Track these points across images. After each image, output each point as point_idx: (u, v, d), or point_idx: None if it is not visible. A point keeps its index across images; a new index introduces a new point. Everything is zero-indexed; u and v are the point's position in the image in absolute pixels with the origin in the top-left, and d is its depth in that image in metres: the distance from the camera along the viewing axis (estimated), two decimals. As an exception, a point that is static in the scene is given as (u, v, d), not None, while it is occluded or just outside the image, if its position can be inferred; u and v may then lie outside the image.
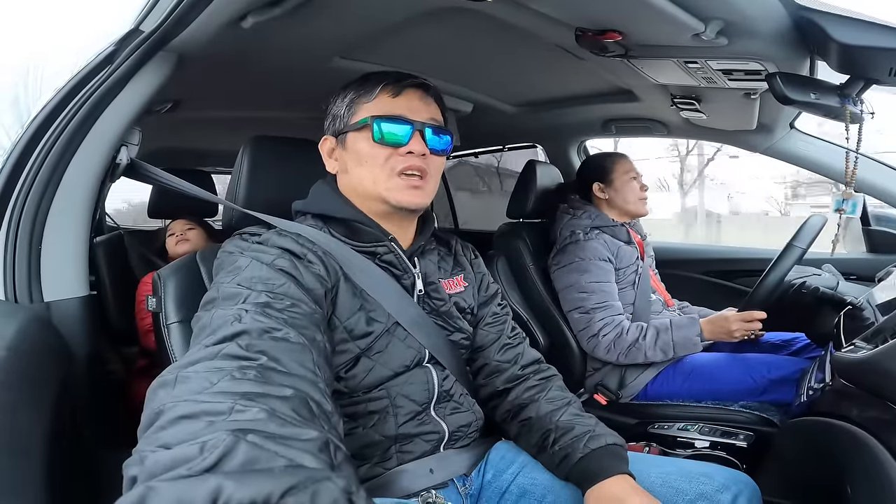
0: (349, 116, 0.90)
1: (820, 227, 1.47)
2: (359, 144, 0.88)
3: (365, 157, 0.87)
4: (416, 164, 0.87)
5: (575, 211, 1.78)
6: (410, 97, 0.89)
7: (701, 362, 1.60)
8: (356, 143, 0.88)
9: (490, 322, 1.05)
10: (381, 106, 0.87)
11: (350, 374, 0.84)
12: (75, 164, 0.97)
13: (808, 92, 1.06)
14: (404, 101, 0.88)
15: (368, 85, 0.89)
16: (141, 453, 0.43)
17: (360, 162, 0.88)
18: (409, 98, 0.89)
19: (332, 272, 0.83)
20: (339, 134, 0.91)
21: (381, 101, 0.88)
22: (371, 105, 0.88)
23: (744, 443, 1.42)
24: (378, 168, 0.87)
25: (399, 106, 0.88)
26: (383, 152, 0.86)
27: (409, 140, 0.86)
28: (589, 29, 1.11)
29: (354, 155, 0.89)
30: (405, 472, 0.85)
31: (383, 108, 0.87)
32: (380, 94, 0.88)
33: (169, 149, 2.52)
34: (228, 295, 0.70)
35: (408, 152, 0.86)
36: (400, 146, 0.86)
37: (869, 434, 0.83)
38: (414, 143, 0.86)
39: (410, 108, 0.88)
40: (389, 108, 0.87)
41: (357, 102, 0.89)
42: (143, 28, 0.96)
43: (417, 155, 0.86)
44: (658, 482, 0.85)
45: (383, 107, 0.87)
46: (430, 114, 0.90)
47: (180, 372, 0.54)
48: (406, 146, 0.86)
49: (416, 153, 0.86)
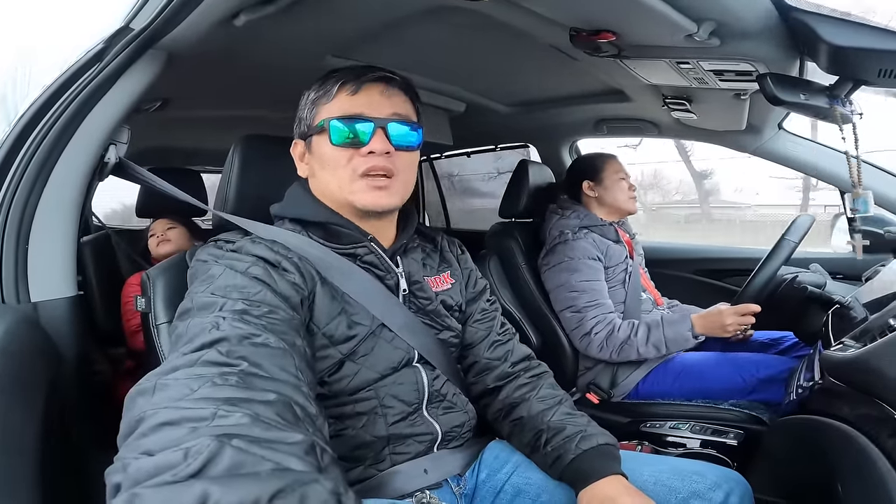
0: (311, 119, 0.87)
1: (809, 226, 1.50)
2: (322, 148, 0.85)
3: (327, 161, 0.85)
4: (378, 164, 0.83)
5: (564, 211, 1.79)
6: (370, 92, 0.85)
7: (691, 361, 1.61)
8: (320, 147, 0.86)
9: (479, 318, 1.03)
10: (339, 105, 0.84)
11: (334, 378, 0.82)
12: (63, 162, 0.95)
13: (797, 93, 1.07)
14: (363, 98, 0.84)
15: (328, 84, 0.86)
16: (123, 461, 0.43)
17: (323, 165, 0.86)
18: (368, 94, 0.85)
19: (309, 278, 0.81)
20: (304, 137, 0.89)
21: (339, 101, 0.84)
22: (330, 105, 0.85)
23: (734, 441, 1.43)
24: (341, 170, 0.84)
25: (358, 104, 0.84)
26: (344, 154, 0.83)
27: (371, 139, 0.82)
28: (583, 29, 1.11)
29: (319, 158, 0.86)
30: (399, 473, 0.85)
31: (342, 108, 0.84)
32: (338, 93, 0.84)
33: (159, 147, 2.49)
34: (203, 304, 0.68)
35: (369, 152, 0.83)
36: (360, 146, 0.83)
37: (858, 431, 0.84)
38: (375, 141, 0.82)
39: (370, 105, 0.84)
40: (348, 107, 0.84)
41: (317, 104, 0.87)
42: (133, 26, 0.95)
43: (380, 154, 0.83)
44: (651, 481, 0.85)
45: (342, 106, 0.84)
46: (394, 108, 0.86)
47: (159, 379, 0.53)
48: (367, 146, 0.82)
49: (378, 152, 0.82)
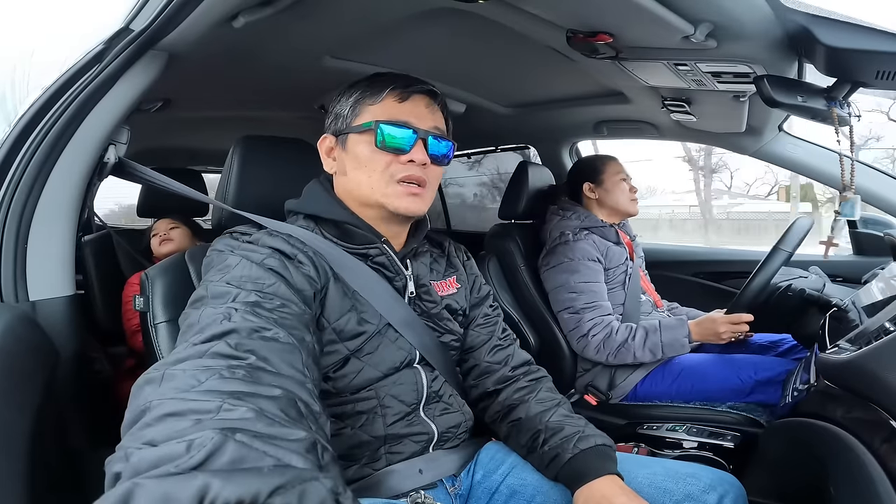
0: (353, 117, 0.88)
1: (807, 230, 1.48)
2: (359, 147, 0.86)
3: (365, 162, 0.86)
4: (415, 174, 0.85)
5: (564, 212, 1.79)
6: (417, 103, 0.87)
7: (689, 363, 1.61)
8: (357, 146, 0.87)
9: (481, 323, 1.05)
10: (386, 110, 0.85)
11: (339, 374, 0.83)
12: (62, 162, 0.96)
13: (795, 95, 1.07)
14: (410, 107, 0.86)
15: (376, 87, 0.87)
16: (126, 450, 0.43)
17: (358, 165, 0.86)
18: (415, 104, 0.87)
19: (322, 273, 0.82)
20: (339, 134, 0.90)
21: (387, 105, 0.86)
22: (376, 108, 0.86)
23: (731, 443, 1.43)
24: (377, 174, 0.85)
25: (405, 112, 0.86)
26: (384, 158, 0.85)
27: (412, 148, 0.84)
28: (580, 31, 1.11)
29: (354, 157, 0.87)
30: (394, 473, 0.85)
31: (389, 113, 0.85)
32: (387, 97, 0.86)
33: (159, 148, 2.50)
34: (217, 293, 0.69)
35: (409, 160, 0.84)
36: (402, 153, 0.84)
37: (852, 435, 0.84)
38: (416, 151, 0.85)
39: (416, 115, 0.86)
40: (395, 113, 0.85)
41: (362, 103, 0.87)
42: (133, 27, 0.95)
43: (418, 164, 0.85)
44: (645, 483, 0.85)
45: (389, 111, 0.85)
46: (435, 122, 0.88)
47: (167, 369, 0.53)
48: (408, 154, 0.84)
49: (417, 162, 0.84)
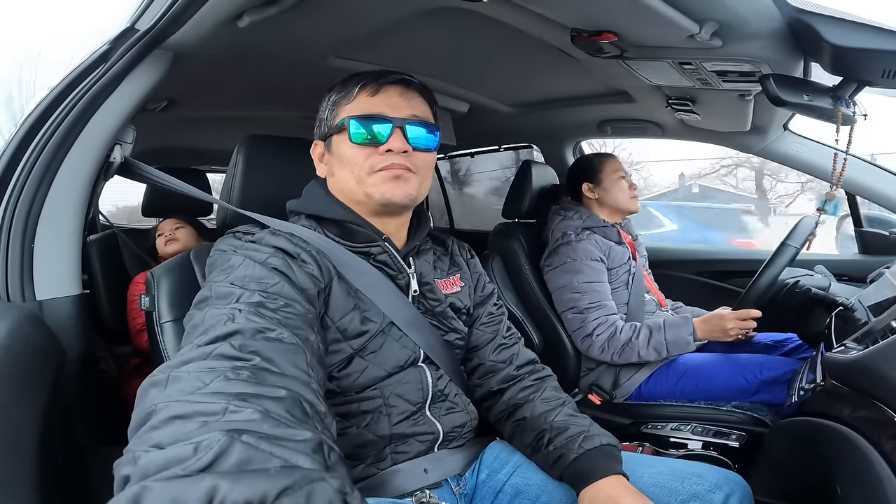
0: (331, 119, 0.90)
1: (813, 228, 1.48)
2: (341, 147, 0.88)
3: (347, 159, 0.87)
4: (396, 162, 0.85)
5: (566, 212, 1.79)
6: (390, 94, 0.88)
7: (694, 363, 1.61)
8: (339, 146, 0.88)
9: (486, 322, 1.05)
10: (359, 106, 0.87)
11: (343, 373, 0.83)
12: (69, 162, 0.96)
13: (800, 93, 1.07)
14: (383, 99, 0.87)
15: (348, 86, 0.89)
16: (134, 453, 0.43)
17: (342, 164, 0.88)
18: (388, 95, 0.87)
19: (326, 272, 0.83)
20: (325, 138, 0.92)
21: (359, 101, 0.87)
22: (350, 106, 0.87)
23: (736, 443, 1.43)
24: (359, 168, 0.86)
25: (377, 104, 0.86)
26: (363, 152, 0.86)
27: (389, 138, 0.85)
28: (584, 30, 1.11)
29: (338, 158, 0.89)
30: (399, 473, 0.85)
31: (362, 108, 0.86)
32: (358, 94, 0.87)
33: (164, 147, 2.51)
34: (221, 294, 0.69)
35: (387, 150, 0.85)
36: (378, 145, 0.85)
37: (858, 434, 0.83)
38: (394, 140, 0.85)
39: (390, 105, 0.87)
40: (368, 107, 0.86)
41: (338, 105, 0.89)
42: (139, 27, 0.96)
43: (398, 152, 0.85)
44: (650, 482, 0.85)
45: (361, 106, 0.87)
46: (413, 110, 0.88)
47: (172, 372, 0.53)
48: (385, 144, 0.85)
49: (395, 150, 0.85)
